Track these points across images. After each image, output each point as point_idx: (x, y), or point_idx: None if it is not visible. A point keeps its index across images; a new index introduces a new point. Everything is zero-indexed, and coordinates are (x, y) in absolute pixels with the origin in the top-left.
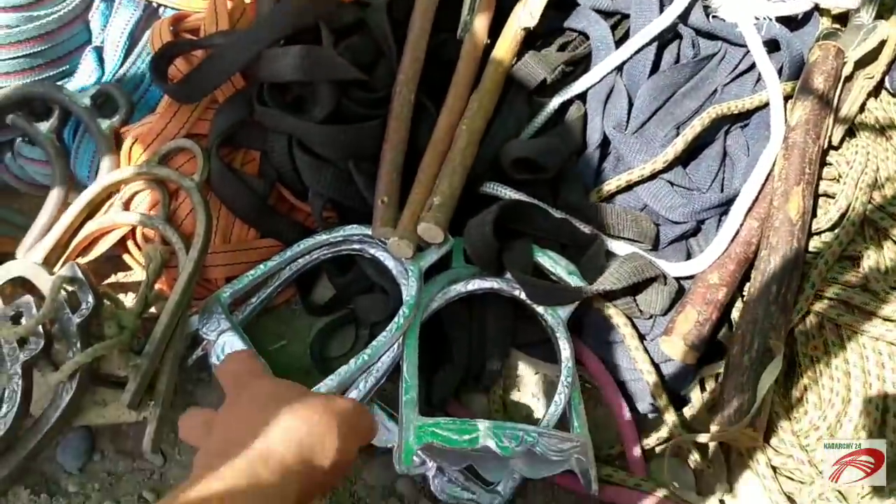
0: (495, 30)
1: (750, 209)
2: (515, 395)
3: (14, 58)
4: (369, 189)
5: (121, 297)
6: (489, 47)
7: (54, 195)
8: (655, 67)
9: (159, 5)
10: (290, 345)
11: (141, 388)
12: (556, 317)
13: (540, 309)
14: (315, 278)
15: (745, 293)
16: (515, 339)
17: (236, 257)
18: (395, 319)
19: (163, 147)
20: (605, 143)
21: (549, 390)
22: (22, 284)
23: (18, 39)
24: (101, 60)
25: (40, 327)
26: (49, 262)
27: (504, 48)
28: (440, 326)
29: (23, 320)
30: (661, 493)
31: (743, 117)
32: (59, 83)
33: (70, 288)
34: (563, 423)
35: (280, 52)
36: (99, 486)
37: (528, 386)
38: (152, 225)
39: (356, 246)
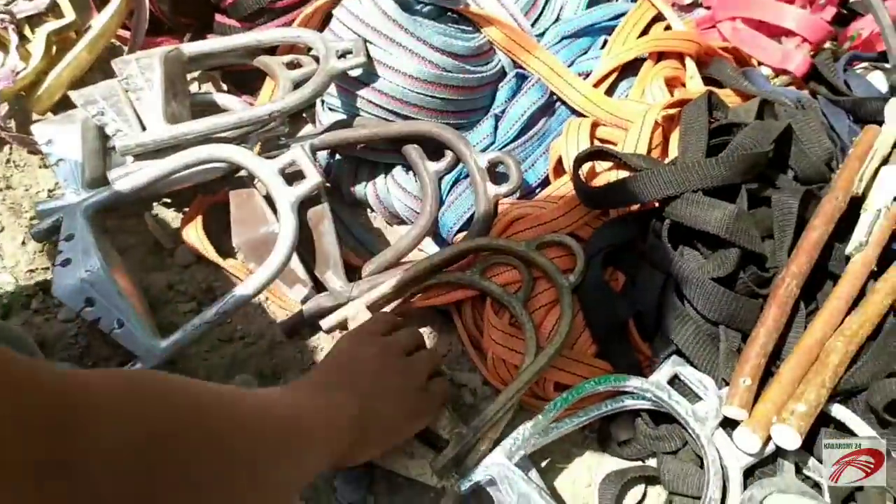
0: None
1: None
2: None
3: (434, 97)
4: (729, 360)
5: None
6: (873, 274)
7: (414, 232)
8: None
9: (559, 99)
10: (575, 469)
11: (457, 458)
12: None
13: None
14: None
15: None
16: None
17: (572, 367)
18: None
19: (545, 236)
20: None
21: None
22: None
23: (447, 83)
24: (495, 129)
25: None
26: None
27: (893, 282)
28: None
29: None
30: None
31: None
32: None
33: None
34: None
35: (707, 202)
36: None
37: None
38: (509, 302)
39: (681, 410)
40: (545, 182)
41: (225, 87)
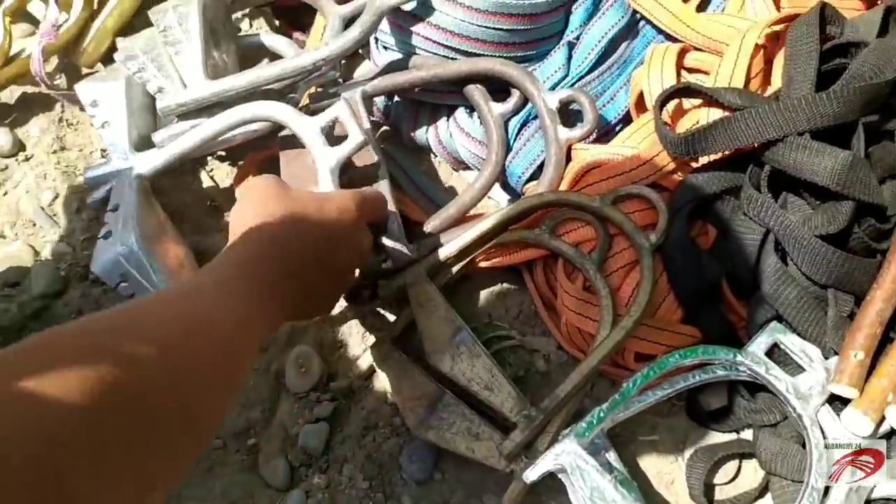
0: None
1: None
2: None
3: (494, 28)
4: (839, 329)
5: None
6: None
7: (479, 184)
8: None
9: (643, 18)
10: (661, 442)
11: (525, 441)
12: None
13: None
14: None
15: None
16: None
17: (654, 335)
18: None
19: (623, 188)
20: None
21: None
22: None
23: (510, 12)
24: (569, 59)
25: None
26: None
27: None
28: None
29: None
30: None
31: None
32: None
33: None
34: None
35: (816, 147)
36: None
37: None
38: (582, 264)
39: (780, 386)
40: (627, 117)
41: (277, 23)
